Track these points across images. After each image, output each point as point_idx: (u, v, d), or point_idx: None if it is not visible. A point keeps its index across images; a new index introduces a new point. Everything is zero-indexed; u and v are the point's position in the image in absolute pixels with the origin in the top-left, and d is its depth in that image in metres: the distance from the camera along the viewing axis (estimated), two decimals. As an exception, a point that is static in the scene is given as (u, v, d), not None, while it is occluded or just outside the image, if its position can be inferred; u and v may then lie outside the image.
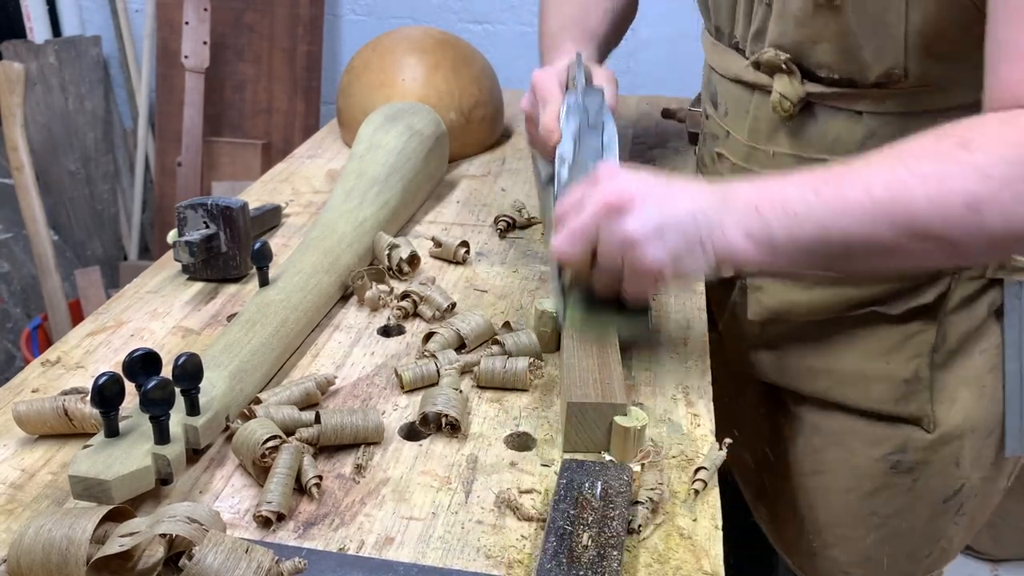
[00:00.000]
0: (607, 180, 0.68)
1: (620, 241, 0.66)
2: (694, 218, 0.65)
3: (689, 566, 0.55)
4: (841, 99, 0.83)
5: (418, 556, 0.55)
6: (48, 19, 2.67)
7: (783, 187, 0.65)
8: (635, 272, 0.67)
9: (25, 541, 0.49)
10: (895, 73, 0.79)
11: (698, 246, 0.65)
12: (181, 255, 0.84)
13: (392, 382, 0.73)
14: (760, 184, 0.67)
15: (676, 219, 0.65)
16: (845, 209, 0.63)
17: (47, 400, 0.65)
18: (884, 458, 0.97)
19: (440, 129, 1.11)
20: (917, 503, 0.99)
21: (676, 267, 0.66)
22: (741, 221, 0.65)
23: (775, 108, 0.86)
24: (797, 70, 0.83)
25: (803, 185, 0.65)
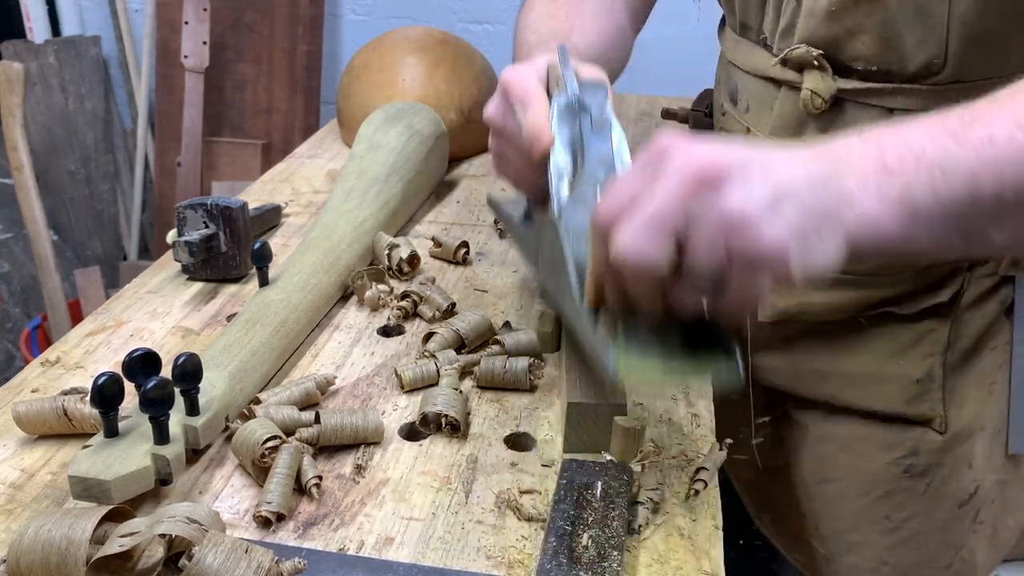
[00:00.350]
0: (682, 147, 0.50)
1: (722, 223, 0.48)
2: (813, 186, 0.50)
3: (689, 566, 0.55)
4: (872, 95, 0.81)
5: (418, 556, 0.55)
6: (48, 19, 2.67)
7: (906, 136, 0.52)
8: (749, 264, 0.48)
9: (25, 541, 0.49)
10: (935, 63, 0.76)
11: (826, 221, 0.50)
12: (181, 255, 0.84)
13: (392, 382, 0.73)
14: (874, 136, 0.53)
15: (792, 187, 0.49)
16: (996, 154, 0.50)
17: (47, 400, 0.65)
18: (896, 462, 0.95)
19: (440, 129, 1.11)
20: (931, 507, 0.97)
21: (804, 253, 0.49)
22: (870, 182, 0.51)
23: (805, 105, 0.82)
24: (829, 66, 0.80)
25: (935, 131, 0.52)
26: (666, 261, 0.50)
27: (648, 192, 0.50)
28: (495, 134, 0.75)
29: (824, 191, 0.50)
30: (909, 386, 0.92)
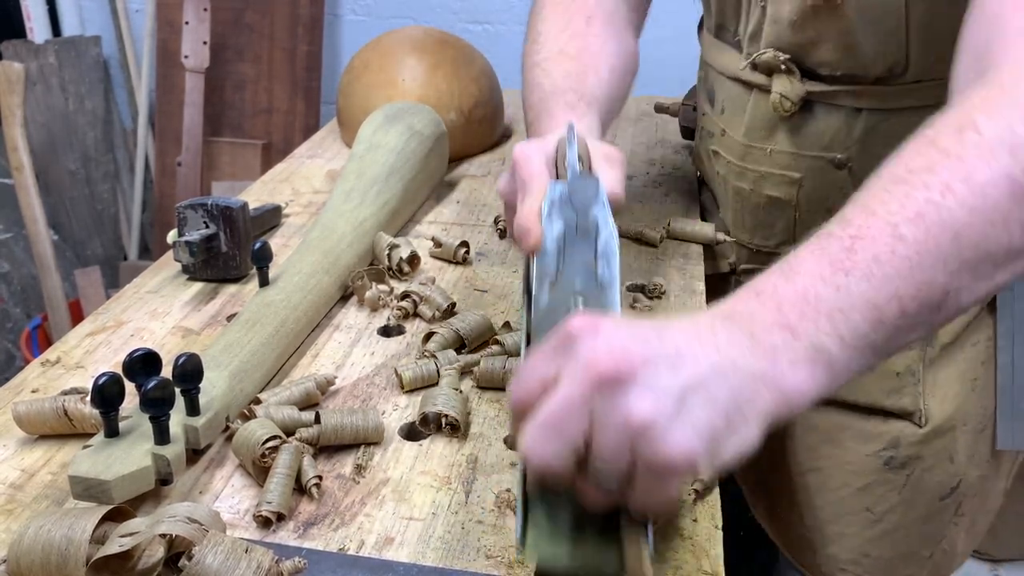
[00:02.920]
0: (588, 338, 0.46)
1: (626, 427, 0.44)
2: (724, 375, 0.46)
3: (689, 566, 0.55)
4: (841, 96, 0.84)
5: (418, 556, 0.55)
6: (48, 19, 2.67)
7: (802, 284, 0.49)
8: (653, 472, 0.45)
9: (25, 541, 0.49)
10: (897, 67, 0.79)
11: (737, 411, 0.46)
12: (181, 255, 0.84)
13: (392, 382, 0.73)
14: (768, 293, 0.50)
15: (700, 381, 0.46)
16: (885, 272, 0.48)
17: (47, 400, 0.65)
18: (876, 454, 0.97)
19: (440, 129, 1.11)
20: (912, 500, 0.99)
21: (714, 451, 0.46)
22: (780, 353, 0.47)
23: (775, 108, 0.85)
24: (796, 70, 0.83)
25: (824, 270, 0.49)
26: (564, 464, 0.46)
27: (553, 388, 0.46)
28: (507, 207, 0.74)
29: (736, 378, 0.46)
30: (889, 379, 0.94)
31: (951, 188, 0.49)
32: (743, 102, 0.91)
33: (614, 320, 0.47)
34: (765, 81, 0.86)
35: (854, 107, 0.84)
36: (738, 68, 0.90)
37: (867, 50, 0.79)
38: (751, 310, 0.49)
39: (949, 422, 0.95)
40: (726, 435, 0.46)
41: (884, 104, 0.82)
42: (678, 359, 0.46)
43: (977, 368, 0.94)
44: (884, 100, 0.82)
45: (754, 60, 0.85)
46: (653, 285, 0.87)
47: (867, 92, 0.82)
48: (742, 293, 0.51)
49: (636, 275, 0.92)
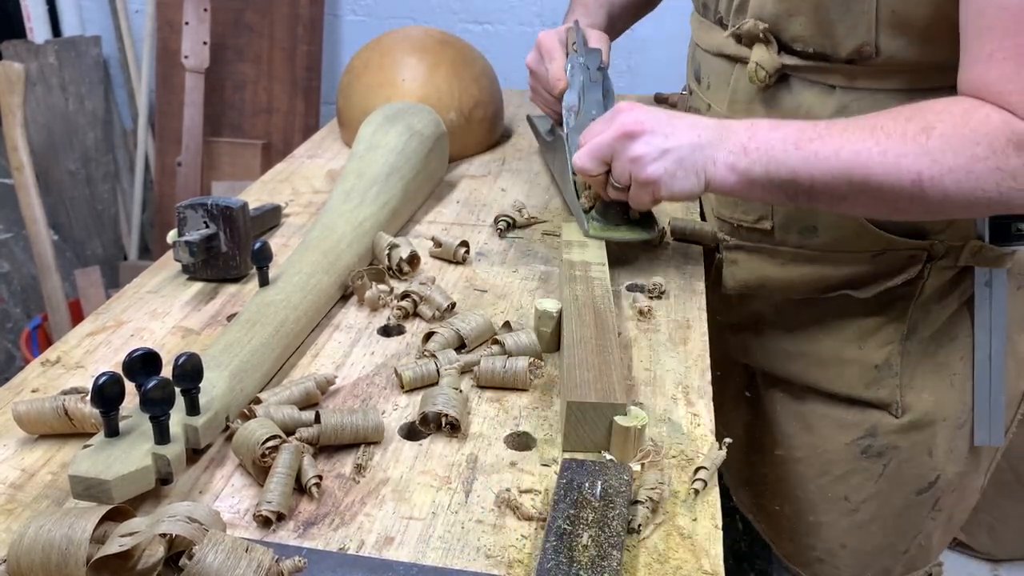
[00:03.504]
0: (626, 112, 0.83)
1: (629, 159, 0.82)
2: (692, 149, 0.81)
3: (689, 566, 0.55)
4: (814, 72, 0.88)
5: (418, 556, 0.55)
6: (48, 19, 2.67)
7: (770, 134, 0.79)
8: (638, 183, 0.83)
9: (25, 541, 0.49)
10: (866, 50, 0.83)
11: (692, 171, 0.81)
12: (181, 255, 0.84)
13: (392, 382, 0.73)
14: (754, 128, 0.80)
15: (677, 147, 0.81)
16: (815, 162, 0.76)
17: (47, 400, 0.65)
18: (854, 443, 1.00)
19: (440, 129, 1.11)
20: (889, 491, 1.01)
21: (670, 184, 0.81)
22: (729, 156, 0.80)
23: (751, 77, 0.91)
24: (775, 40, 0.88)
25: (787, 136, 0.78)
26: (597, 172, 0.86)
27: (598, 133, 0.85)
28: (532, 75, 1.10)
29: (699, 154, 0.81)
30: (868, 371, 0.97)
31: (885, 152, 0.74)
32: (726, 76, 0.97)
33: (644, 106, 0.84)
34: (747, 53, 0.91)
35: (828, 84, 0.88)
36: (722, 42, 0.95)
37: (838, 28, 0.83)
38: (740, 129, 0.80)
39: (928, 417, 0.97)
40: (680, 178, 0.81)
41: (855, 84, 0.86)
42: (671, 134, 0.81)
43: (956, 364, 0.96)
44: (855, 80, 0.86)
45: (737, 30, 0.91)
46: (653, 285, 0.88)
47: (839, 70, 0.86)
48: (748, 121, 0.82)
49: (636, 275, 0.92)
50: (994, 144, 0.70)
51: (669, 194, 0.82)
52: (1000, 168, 0.70)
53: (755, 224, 0.97)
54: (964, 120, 0.72)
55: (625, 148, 0.82)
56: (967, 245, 0.90)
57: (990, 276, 0.92)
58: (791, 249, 0.96)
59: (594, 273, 0.84)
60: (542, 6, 2.38)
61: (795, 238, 0.95)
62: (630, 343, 0.79)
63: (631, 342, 0.80)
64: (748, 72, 0.91)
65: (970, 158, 0.71)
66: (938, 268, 0.92)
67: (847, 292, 0.95)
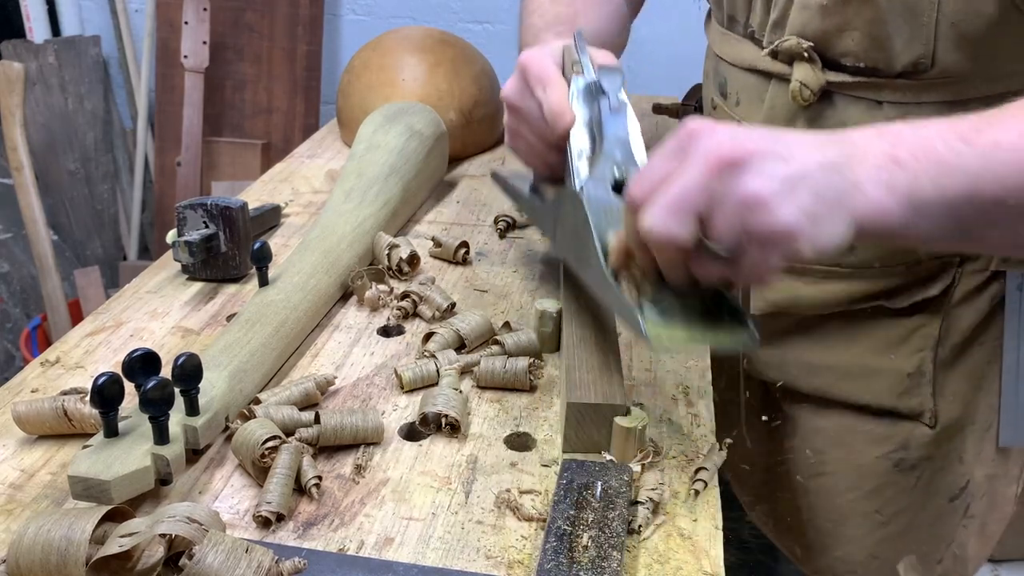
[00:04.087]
0: (708, 133, 0.55)
1: (741, 203, 0.53)
2: (826, 172, 0.54)
3: (689, 566, 0.55)
4: (862, 88, 0.82)
5: (418, 556, 0.55)
6: (48, 19, 2.67)
7: (919, 134, 0.56)
8: (763, 242, 0.53)
9: (24, 541, 0.49)
10: (922, 63, 0.77)
11: (836, 205, 0.54)
12: (181, 255, 0.84)
13: (392, 382, 0.73)
14: (890, 131, 0.57)
15: (806, 173, 0.54)
16: (1001, 157, 0.54)
17: (46, 400, 0.65)
18: (886, 456, 0.96)
19: (440, 129, 1.11)
20: (922, 501, 0.98)
21: (814, 231, 0.53)
22: (879, 174, 0.55)
23: (794, 96, 0.83)
24: (818, 58, 0.82)
25: (946, 132, 0.56)
26: (689, 237, 0.55)
27: (676, 173, 0.55)
28: (511, 112, 0.80)
29: (837, 177, 0.54)
30: (900, 380, 0.93)
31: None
32: (760, 92, 0.90)
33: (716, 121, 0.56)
34: (785, 70, 0.84)
35: (876, 100, 0.81)
36: (755, 57, 0.88)
37: (895, 42, 0.77)
38: (867, 135, 0.57)
39: (958, 423, 0.94)
40: (825, 220, 0.53)
41: (906, 98, 0.80)
42: (788, 155, 0.54)
43: (983, 367, 0.93)
44: (906, 94, 0.80)
45: (775, 47, 0.83)
46: (653, 285, 0.87)
47: (889, 85, 0.80)
48: (862, 129, 0.58)
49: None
50: None
51: (812, 249, 0.54)
52: None
53: None
54: None
55: (729, 186, 0.53)
56: None
57: (1022, 279, 0.89)
58: (824, 268, 0.90)
59: (594, 273, 0.83)
60: (542, 6, 2.38)
61: (830, 257, 0.85)
62: (630, 343, 0.79)
63: (631, 342, 0.80)
64: (791, 91, 0.84)
65: None
66: (968, 272, 0.89)
67: (880, 303, 0.91)
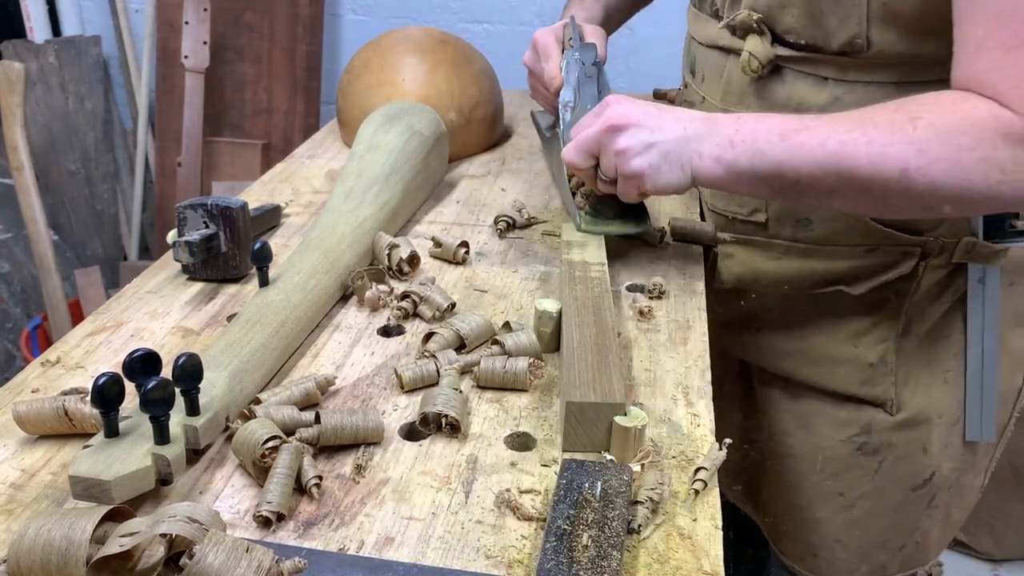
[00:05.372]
0: (614, 105, 0.83)
1: (614, 152, 0.82)
2: (677, 142, 0.81)
3: (689, 566, 0.55)
4: (807, 63, 0.88)
5: (418, 556, 0.55)
6: (48, 19, 2.67)
7: (756, 126, 0.79)
8: (623, 177, 0.83)
9: (25, 541, 0.49)
10: (857, 42, 0.83)
11: (677, 165, 0.81)
12: (181, 255, 0.84)
13: (392, 382, 0.73)
14: (741, 121, 0.80)
15: (663, 140, 0.81)
16: (800, 153, 0.76)
17: (47, 400, 0.65)
18: (849, 440, 1.00)
19: (440, 129, 1.11)
20: (885, 487, 1.01)
21: (655, 177, 0.81)
22: (715, 149, 0.80)
23: (744, 68, 0.91)
24: (768, 31, 0.89)
25: (773, 128, 0.78)
26: (585, 167, 0.87)
27: (586, 126, 0.86)
28: (529, 74, 1.10)
29: (685, 147, 0.81)
30: (863, 369, 0.97)
31: (871, 142, 0.73)
32: (720, 68, 0.97)
33: (632, 99, 0.84)
34: (741, 45, 0.91)
35: (820, 76, 0.88)
36: (716, 33, 0.96)
37: (829, 20, 0.84)
38: (724, 124, 0.80)
39: (923, 414, 0.97)
40: (665, 171, 0.81)
41: (847, 76, 0.86)
42: (658, 128, 0.81)
43: (949, 361, 0.96)
44: (847, 72, 0.86)
45: (731, 20, 0.91)
46: (653, 285, 0.87)
47: (831, 62, 0.87)
48: (737, 115, 0.81)
49: (636, 275, 0.92)
50: (981, 135, 0.69)
51: (654, 187, 0.82)
52: (987, 159, 0.69)
53: (749, 217, 0.98)
54: (951, 110, 0.71)
55: (611, 141, 0.82)
56: (961, 242, 0.90)
57: (983, 273, 0.92)
58: (785, 242, 0.96)
59: (594, 273, 0.84)
60: (542, 6, 2.38)
61: (789, 231, 0.96)
62: (630, 343, 0.79)
63: (631, 342, 0.80)
64: (741, 63, 0.91)
65: (956, 148, 0.70)
66: (932, 266, 0.92)
67: (841, 288, 0.95)
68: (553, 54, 1.04)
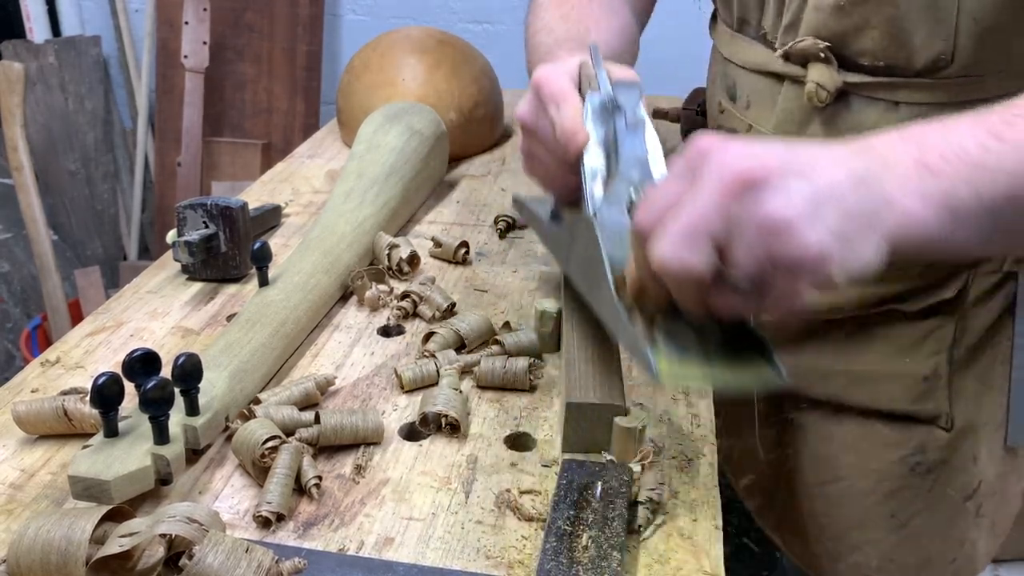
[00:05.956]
0: (720, 151, 0.49)
1: (763, 227, 0.47)
2: (855, 188, 0.49)
3: (689, 566, 0.55)
4: (880, 88, 0.80)
5: (418, 556, 0.55)
6: (48, 19, 2.67)
7: (947, 135, 0.52)
8: (791, 269, 0.48)
9: (24, 541, 0.49)
10: (942, 59, 0.75)
11: (868, 223, 0.49)
12: (181, 255, 0.84)
13: (392, 382, 0.73)
14: (914, 135, 0.53)
15: (834, 190, 0.48)
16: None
17: (47, 400, 0.65)
18: (902, 460, 0.95)
19: (440, 129, 1.11)
20: (938, 502, 0.97)
21: (845, 254, 0.48)
22: (910, 184, 0.50)
23: (810, 98, 0.81)
24: (834, 59, 0.80)
25: (975, 129, 0.53)
26: (706, 267, 0.49)
27: (688, 197, 0.49)
28: (526, 134, 0.75)
29: (866, 192, 0.49)
30: (916, 384, 0.92)
31: None
32: (772, 95, 0.88)
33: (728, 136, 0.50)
34: (799, 72, 0.83)
35: (892, 100, 0.80)
36: (767, 59, 0.87)
37: (914, 39, 0.75)
38: (891, 142, 0.52)
39: (972, 424, 0.93)
40: (856, 241, 0.48)
41: (923, 98, 0.79)
42: (811, 169, 0.49)
43: (996, 368, 0.93)
44: (924, 94, 0.79)
45: (789, 49, 0.82)
46: (653, 285, 0.87)
47: (907, 85, 0.79)
48: (883, 135, 0.53)
49: (636, 275, 0.92)
50: None
51: (845, 274, 0.49)
52: None
53: None
54: None
55: (751, 208, 0.48)
56: None
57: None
58: None
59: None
60: (542, 6, 2.38)
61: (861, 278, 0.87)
62: (630, 343, 0.79)
63: (631, 342, 0.79)
64: (807, 92, 0.82)
65: None
66: (982, 273, 0.88)
67: (895, 307, 0.90)
68: (568, 99, 0.69)
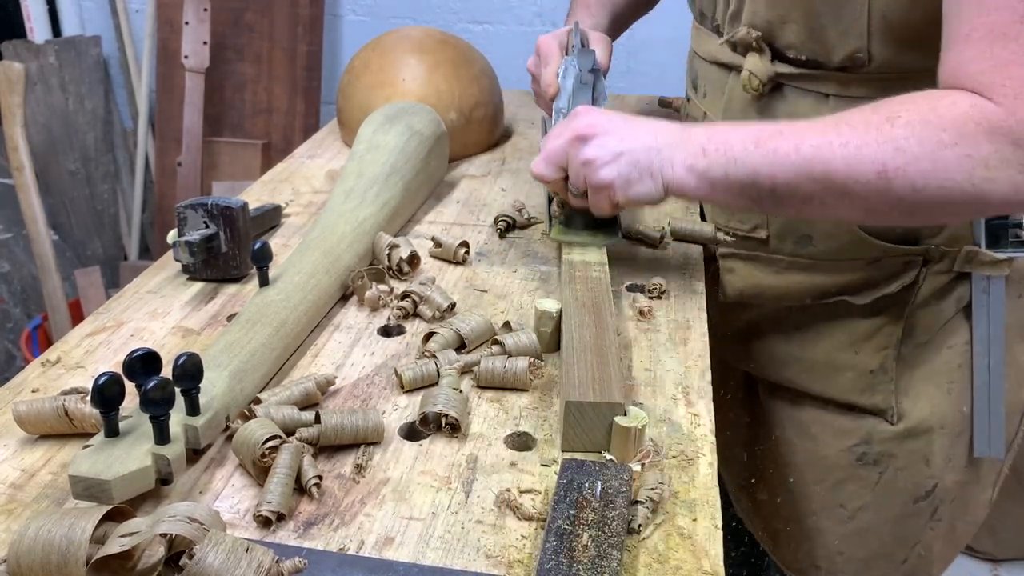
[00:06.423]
0: (582, 115, 0.81)
1: (581, 162, 0.80)
2: (647, 151, 0.78)
3: (689, 566, 0.55)
4: (808, 80, 0.87)
5: (418, 556, 0.55)
6: (48, 19, 2.67)
7: (729, 134, 0.76)
8: (592, 188, 0.80)
9: (25, 541, 0.49)
10: (859, 57, 0.82)
11: (648, 174, 0.78)
12: (181, 255, 0.84)
13: (392, 382, 0.73)
14: (713, 129, 0.77)
15: (632, 149, 0.78)
16: (774, 159, 0.72)
17: (47, 400, 0.65)
18: (850, 449, 0.99)
19: (440, 129, 1.11)
20: (885, 498, 1.00)
21: (625, 188, 0.79)
22: (688, 158, 0.77)
23: (744, 86, 0.90)
24: (767, 49, 0.87)
25: (747, 135, 0.75)
26: (553, 179, 0.84)
27: (553, 138, 0.83)
28: (533, 79, 1.07)
29: (656, 155, 0.77)
30: (864, 376, 0.96)
31: (846, 143, 0.70)
32: (722, 84, 0.96)
33: (603, 110, 0.83)
34: (742, 61, 0.90)
35: (822, 92, 0.87)
36: (717, 49, 0.95)
37: (829, 34, 0.82)
38: (697, 133, 0.77)
39: (924, 424, 0.96)
40: (636, 182, 0.78)
41: (848, 92, 0.85)
42: (627, 135, 0.79)
43: (953, 372, 0.95)
44: (849, 88, 0.85)
45: (731, 37, 0.90)
46: (653, 285, 0.87)
47: (831, 78, 0.86)
48: (704, 125, 0.80)
49: (636, 275, 0.92)
50: (962, 130, 0.66)
51: (625, 199, 0.79)
52: (970, 156, 0.66)
53: (751, 233, 0.97)
54: (930, 106, 0.68)
55: (578, 152, 0.79)
56: (962, 250, 0.89)
57: (988, 283, 0.91)
58: (786, 258, 0.95)
59: (594, 273, 0.84)
60: (542, 6, 2.38)
61: (790, 247, 0.95)
62: (630, 343, 0.79)
63: (631, 342, 0.80)
64: (742, 80, 0.90)
65: (936, 144, 0.66)
66: (933, 272, 0.91)
67: (844, 298, 0.94)
68: (553, 60, 1.01)
